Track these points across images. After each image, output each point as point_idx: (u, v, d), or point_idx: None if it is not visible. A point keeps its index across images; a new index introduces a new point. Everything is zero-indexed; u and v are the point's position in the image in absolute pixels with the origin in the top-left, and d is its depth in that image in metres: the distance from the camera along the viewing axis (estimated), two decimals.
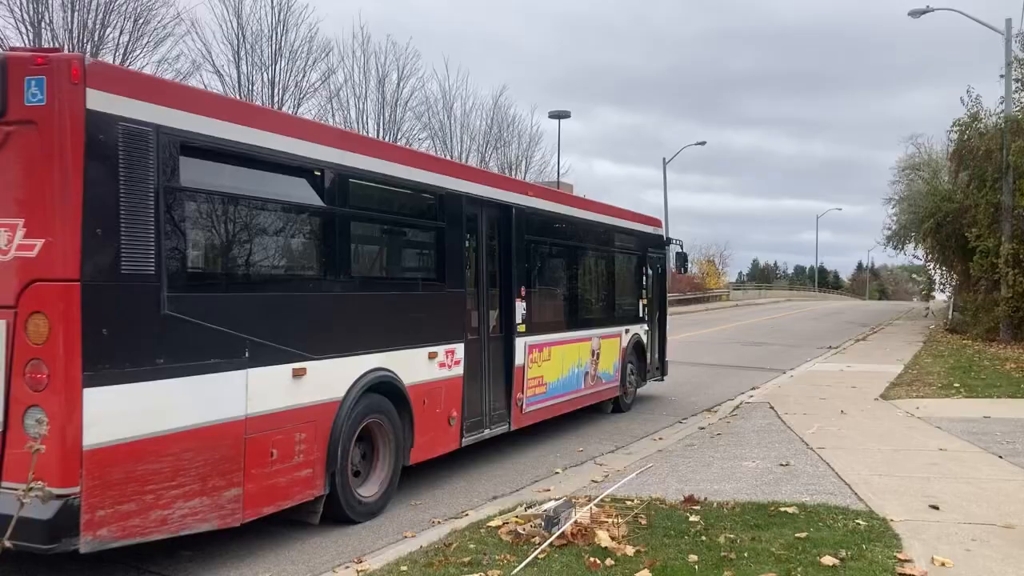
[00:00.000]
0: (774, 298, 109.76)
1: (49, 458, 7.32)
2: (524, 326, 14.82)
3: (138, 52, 34.04)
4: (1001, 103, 39.12)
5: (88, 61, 7.73)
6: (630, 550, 9.20)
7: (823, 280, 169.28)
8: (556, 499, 10.53)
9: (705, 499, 11.26)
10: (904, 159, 62.68)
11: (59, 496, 7.42)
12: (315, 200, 10.19)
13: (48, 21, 31.43)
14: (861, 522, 10.24)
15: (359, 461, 11.14)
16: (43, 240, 7.41)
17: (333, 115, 44.76)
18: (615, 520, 10.10)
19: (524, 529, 9.69)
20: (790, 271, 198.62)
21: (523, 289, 14.86)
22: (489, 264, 14.16)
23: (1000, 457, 13.90)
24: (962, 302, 48.55)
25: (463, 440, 13.17)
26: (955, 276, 52.88)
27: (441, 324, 12.58)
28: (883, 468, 13.07)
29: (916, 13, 40.91)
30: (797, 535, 9.72)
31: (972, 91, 51.46)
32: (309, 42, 42.31)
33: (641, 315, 20.56)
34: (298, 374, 9.75)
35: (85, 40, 32.07)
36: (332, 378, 10.33)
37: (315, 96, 44.87)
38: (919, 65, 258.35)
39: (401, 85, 48.59)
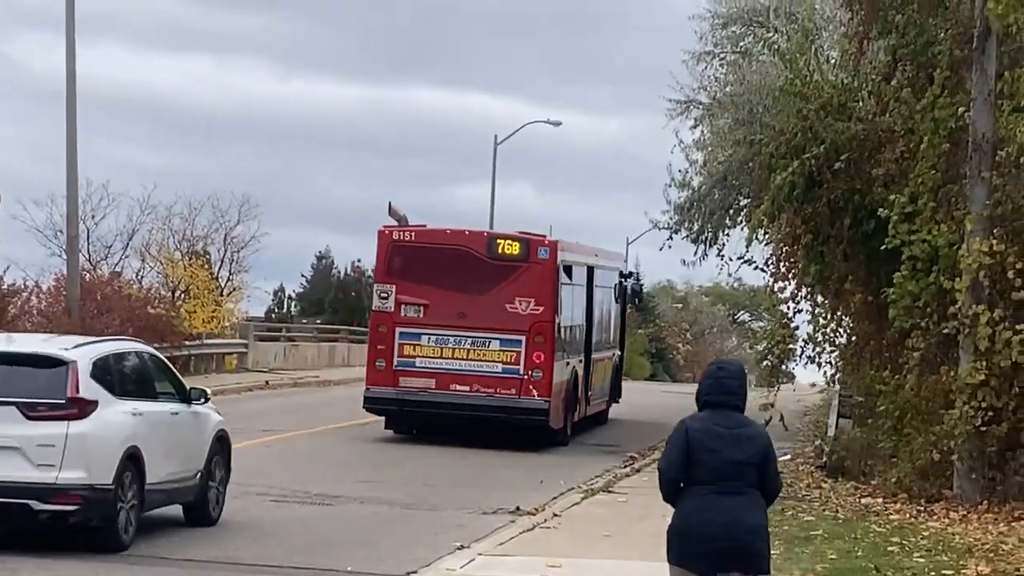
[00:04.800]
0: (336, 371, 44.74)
1: (542, 388, 23.04)
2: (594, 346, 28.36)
3: None
4: None
5: (560, 242, 24.62)
6: None
7: None
8: None
9: None
10: None
11: (547, 401, 22.99)
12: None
13: None
14: None
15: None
16: (542, 308, 23.10)
17: None
18: None
19: None
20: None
21: (593, 318, 28.05)
22: (585, 304, 27.71)
23: None
24: (864, 392, 21.10)
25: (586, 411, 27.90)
26: (848, 321, 22.97)
27: (578, 344, 26.99)
28: None
29: None
30: None
31: None
32: None
33: (614, 341, 32.40)
34: (568, 364, 24.80)
35: None
36: (573, 365, 25.29)
37: None
38: None
39: None
